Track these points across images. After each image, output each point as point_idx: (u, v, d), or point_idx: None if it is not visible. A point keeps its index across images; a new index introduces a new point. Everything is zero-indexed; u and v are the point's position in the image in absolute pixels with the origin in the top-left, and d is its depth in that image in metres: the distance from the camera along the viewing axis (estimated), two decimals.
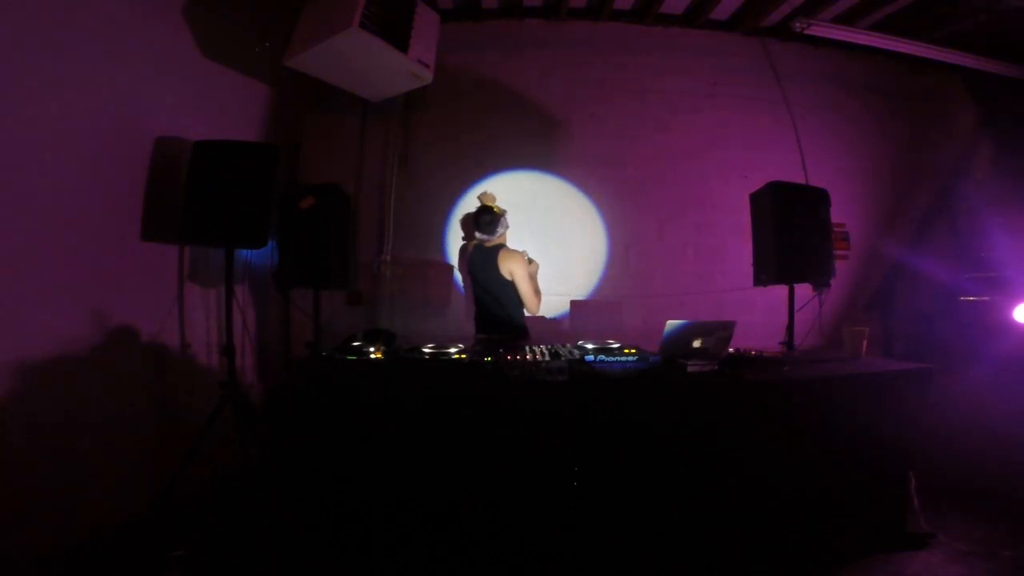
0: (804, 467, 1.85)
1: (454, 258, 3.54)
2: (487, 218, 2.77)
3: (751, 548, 1.83)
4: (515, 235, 3.26)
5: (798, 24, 3.15)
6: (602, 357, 1.92)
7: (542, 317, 3.43)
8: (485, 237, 2.78)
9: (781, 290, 2.66)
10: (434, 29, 2.92)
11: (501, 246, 2.77)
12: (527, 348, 2.16)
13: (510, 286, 2.71)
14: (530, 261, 2.85)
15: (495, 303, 2.75)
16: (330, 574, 1.73)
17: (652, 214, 3.64)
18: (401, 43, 2.66)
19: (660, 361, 1.90)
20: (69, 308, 1.99)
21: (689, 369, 1.81)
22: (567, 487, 1.72)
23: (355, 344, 2.09)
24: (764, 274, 2.58)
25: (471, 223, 2.88)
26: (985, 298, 3.26)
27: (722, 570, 1.80)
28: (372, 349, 2.01)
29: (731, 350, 2.09)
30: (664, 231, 3.65)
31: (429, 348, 2.00)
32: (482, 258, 2.78)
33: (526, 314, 2.81)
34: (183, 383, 2.55)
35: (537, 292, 2.79)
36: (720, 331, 1.92)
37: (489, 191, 2.90)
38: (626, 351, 1.96)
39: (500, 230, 2.77)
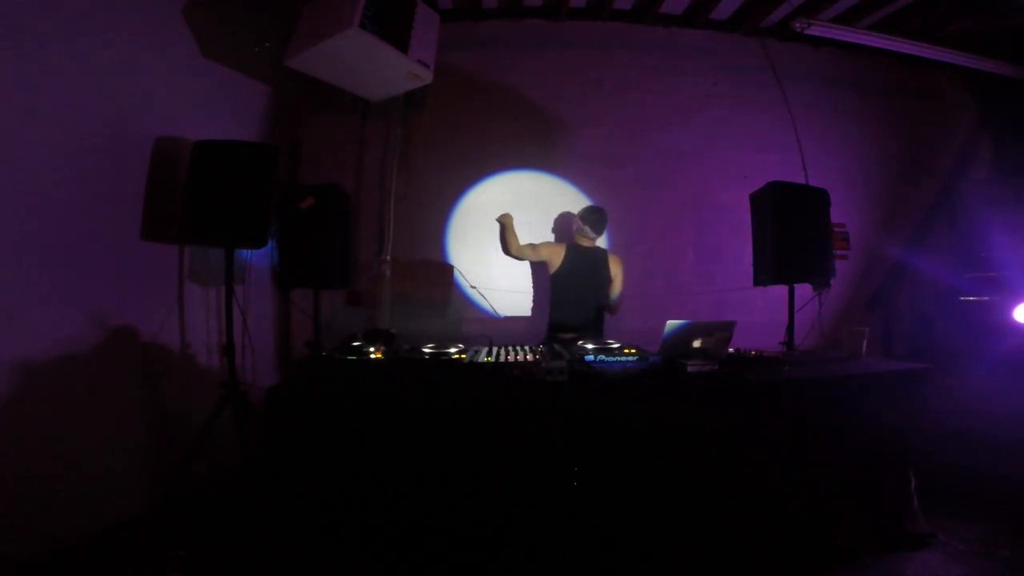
0: (804, 467, 1.85)
1: (454, 258, 3.54)
2: (598, 216, 2.86)
3: (751, 547, 1.83)
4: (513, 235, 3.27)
5: (798, 24, 3.15)
6: (602, 357, 1.92)
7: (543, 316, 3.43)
8: (593, 236, 2.86)
9: (781, 290, 2.66)
10: (434, 29, 2.92)
11: (603, 248, 2.90)
12: (527, 348, 2.16)
13: (608, 286, 2.85)
14: None
15: (594, 302, 2.84)
16: (330, 573, 1.73)
17: (652, 214, 3.64)
18: (401, 43, 2.66)
19: (660, 361, 1.90)
20: (69, 308, 1.98)
21: (689, 369, 1.81)
22: (567, 487, 1.72)
23: (355, 344, 2.09)
24: (764, 274, 2.58)
25: (581, 220, 2.92)
26: (985, 298, 3.26)
27: (722, 569, 1.80)
28: (372, 349, 2.01)
29: (731, 350, 2.09)
30: (664, 231, 3.65)
31: (429, 348, 2.00)
32: (588, 258, 2.87)
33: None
34: (183, 383, 2.55)
35: None
36: (720, 331, 1.92)
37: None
38: (626, 351, 1.96)
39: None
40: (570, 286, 2.84)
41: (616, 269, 2.91)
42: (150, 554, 1.90)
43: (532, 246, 3.02)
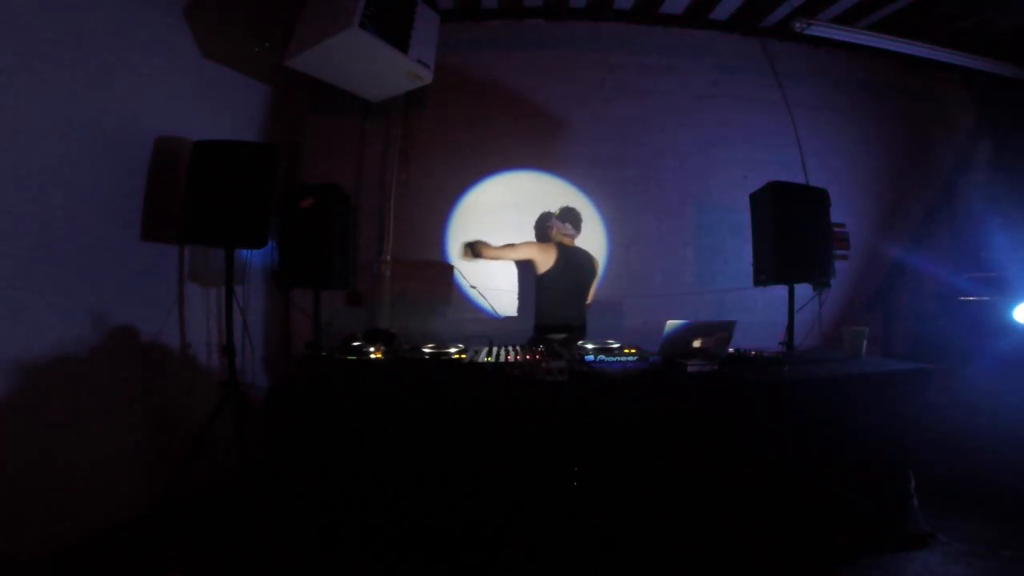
0: (804, 467, 1.85)
1: (454, 258, 3.54)
2: (576, 215, 2.95)
3: (751, 547, 1.83)
4: (515, 235, 3.27)
5: (798, 24, 3.15)
6: (602, 357, 1.92)
7: None
8: (575, 234, 2.95)
9: (781, 290, 2.65)
10: (434, 29, 2.92)
11: (584, 248, 2.98)
12: (527, 348, 2.16)
13: (591, 285, 2.95)
14: None
15: (581, 302, 2.91)
16: (330, 573, 1.73)
17: (652, 214, 3.64)
18: (401, 43, 2.66)
19: (660, 361, 1.90)
20: (69, 308, 1.98)
21: (689, 369, 1.81)
22: (567, 487, 1.72)
23: (355, 344, 2.09)
24: (764, 274, 2.58)
25: (561, 220, 2.97)
26: (985, 298, 3.26)
27: (722, 569, 1.80)
28: (372, 349, 2.01)
29: (731, 350, 2.10)
30: (664, 231, 3.65)
31: (429, 348, 2.00)
32: (576, 258, 2.93)
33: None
34: (183, 383, 2.55)
35: None
36: (720, 331, 1.92)
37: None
38: (626, 351, 1.96)
39: None
40: (560, 286, 2.85)
41: (597, 269, 3.03)
42: (150, 554, 1.90)
43: (512, 246, 3.03)
